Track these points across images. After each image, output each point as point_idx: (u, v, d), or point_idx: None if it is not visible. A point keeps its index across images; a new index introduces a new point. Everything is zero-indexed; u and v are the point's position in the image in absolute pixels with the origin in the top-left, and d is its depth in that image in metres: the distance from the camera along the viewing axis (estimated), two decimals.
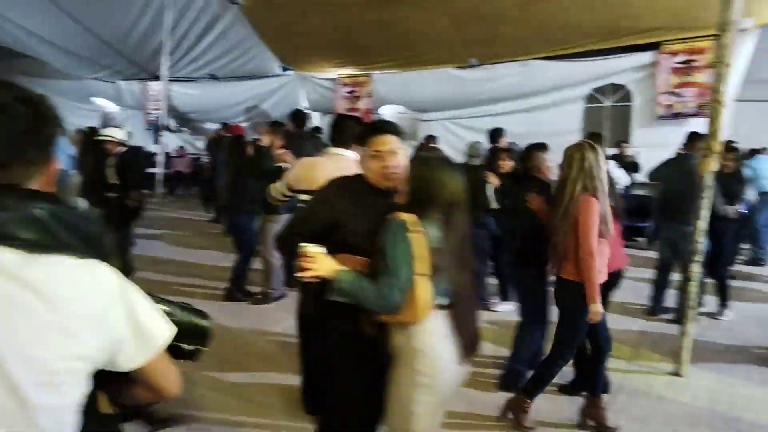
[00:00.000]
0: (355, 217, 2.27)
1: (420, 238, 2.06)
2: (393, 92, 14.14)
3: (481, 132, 9.34)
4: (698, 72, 11.16)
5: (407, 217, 2.08)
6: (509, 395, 3.65)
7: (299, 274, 2.13)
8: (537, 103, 12.65)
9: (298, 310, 3.27)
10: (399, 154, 2.32)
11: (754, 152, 10.35)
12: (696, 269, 4.29)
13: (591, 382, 3.62)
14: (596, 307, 3.16)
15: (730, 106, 11.24)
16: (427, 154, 2.05)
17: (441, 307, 2.15)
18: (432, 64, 13.30)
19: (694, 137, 6.14)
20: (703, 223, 4.22)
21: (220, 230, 8.94)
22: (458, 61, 13.04)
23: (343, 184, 2.42)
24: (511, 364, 4.07)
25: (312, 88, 15.26)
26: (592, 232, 3.18)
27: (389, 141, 2.33)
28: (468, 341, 2.19)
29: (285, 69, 15.38)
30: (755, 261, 8.73)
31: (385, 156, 2.30)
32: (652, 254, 6.68)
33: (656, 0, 10.40)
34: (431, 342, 2.12)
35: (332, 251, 2.17)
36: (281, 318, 5.21)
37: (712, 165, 4.12)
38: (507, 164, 5.63)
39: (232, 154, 6.48)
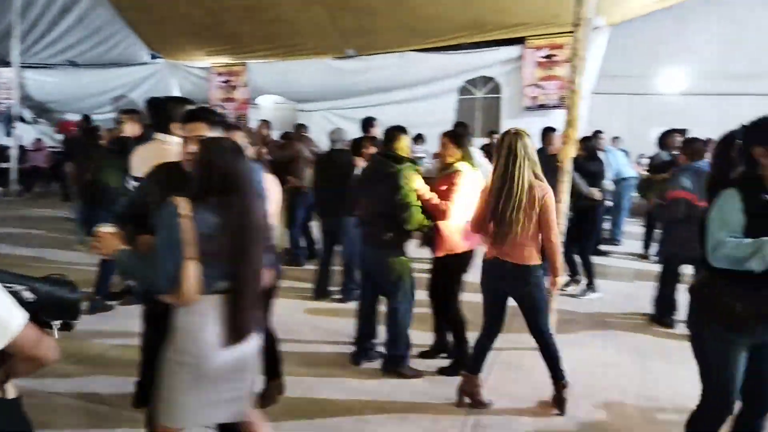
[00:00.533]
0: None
1: (188, 223, 2.05)
2: (270, 82, 13.91)
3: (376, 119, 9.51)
4: (559, 66, 11.97)
5: (179, 202, 2.07)
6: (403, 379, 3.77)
7: (92, 252, 2.29)
8: (413, 95, 12.96)
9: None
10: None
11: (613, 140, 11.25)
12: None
13: (461, 360, 3.81)
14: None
15: (587, 98, 12.23)
16: (214, 139, 2.04)
17: (216, 291, 2.15)
18: (309, 54, 13.22)
19: (547, 131, 6.70)
20: (564, 206, 4.52)
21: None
22: (336, 51, 13.06)
23: (158, 171, 2.54)
24: (391, 351, 4.15)
25: (184, 77, 14.66)
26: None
27: (197, 128, 2.41)
28: (239, 327, 2.19)
29: (154, 56, 14.64)
30: (612, 240, 9.52)
31: (191, 142, 2.35)
32: None
33: None
34: (197, 323, 2.13)
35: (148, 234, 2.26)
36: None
37: (571, 152, 4.42)
38: (371, 150, 5.78)
39: (87, 147, 6.12)
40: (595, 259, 6.79)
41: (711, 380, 2.53)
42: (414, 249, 4.34)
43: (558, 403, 3.63)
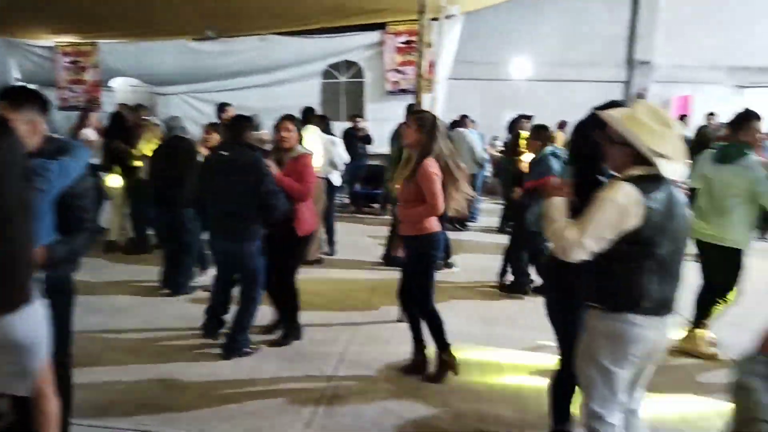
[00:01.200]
0: None
1: None
2: (124, 63, 13.11)
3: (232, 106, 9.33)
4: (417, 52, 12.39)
5: None
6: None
7: None
8: (276, 78, 12.81)
9: None
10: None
11: (455, 124, 11.83)
12: None
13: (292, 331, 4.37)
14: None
15: (444, 83, 12.80)
16: None
17: None
18: (167, 35, 12.61)
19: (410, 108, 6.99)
20: None
21: None
22: (194, 32, 12.56)
23: None
24: (239, 336, 4.21)
25: (24, 57, 13.40)
26: None
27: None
28: None
29: None
30: (469, 217, 10.12)
31: None
32: (387, 217, 7.34)
33: None
34: None
35: None
36: None
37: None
38: (213, 137, 5.85)
39: None
40: (452, 235, 7.22)
41: (566, 345, 2.75)
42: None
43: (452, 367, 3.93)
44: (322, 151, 6.31)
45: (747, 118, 4.19)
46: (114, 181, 7.12)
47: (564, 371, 2.79)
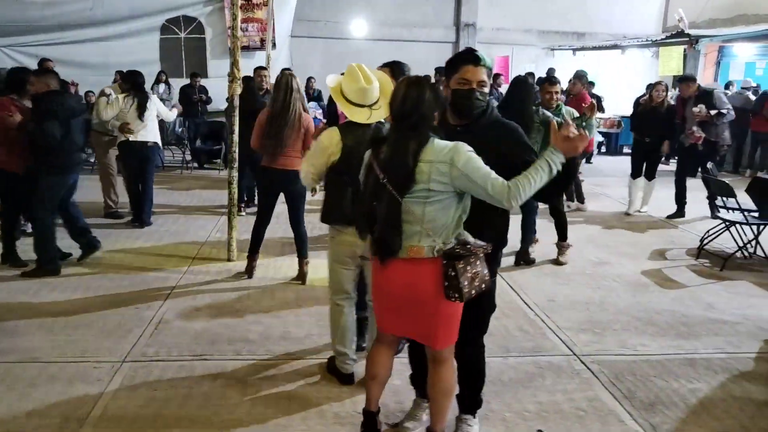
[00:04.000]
0: None
1: None
2: None
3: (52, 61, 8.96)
4: (258, 9, 12.58)
5: None
6: None
7: None
8: (110, 33, 12.34)
9: None
10: None
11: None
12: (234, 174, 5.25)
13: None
14: None
15: (285, 40, 13.12)
16: None
17: None
18: None
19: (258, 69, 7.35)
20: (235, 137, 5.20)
21: None
22: None
23: None
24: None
25: None
26: None
27: None
28: None
29: None
30: None
31: None
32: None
33: None
34: None
35: None
36: None
37: (238, 89, 5.12)
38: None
39: None
40: None
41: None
42: None
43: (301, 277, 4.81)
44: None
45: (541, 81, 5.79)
46: None
47: None
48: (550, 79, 5.71)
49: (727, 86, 11.64)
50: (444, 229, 2.25)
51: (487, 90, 2.37)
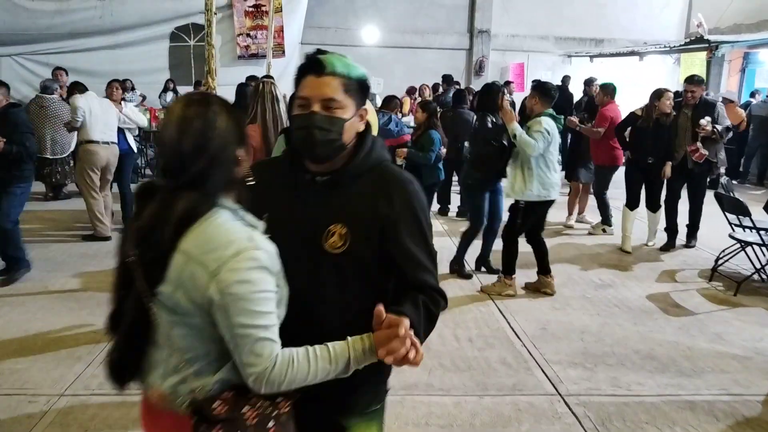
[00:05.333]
0: None
1: None
2: None
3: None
4: (267, 17, 12.40)
5: None
6: None
7: None
8: (120, 41, 12.29)
9: None
10: None
11: None
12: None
13: None
14: None
15: (295, 48, 12.94)
16: None
17: None
18: None
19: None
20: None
21: None
22: None
23: None
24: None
25: None
26: None
27: None
28: None
29: None
30: None
31: None
32: None
33: None
34: None
35: None
36: None
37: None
38: None
39: None
40: None
41: None
42: None
43: None
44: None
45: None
46: None
47: None
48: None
49: (752, 95, 11.11)
50: (200, 361, 1.29)
51: (347, 114, 1.43)
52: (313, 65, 1.42)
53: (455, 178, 7.19)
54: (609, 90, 6.81)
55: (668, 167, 5.95)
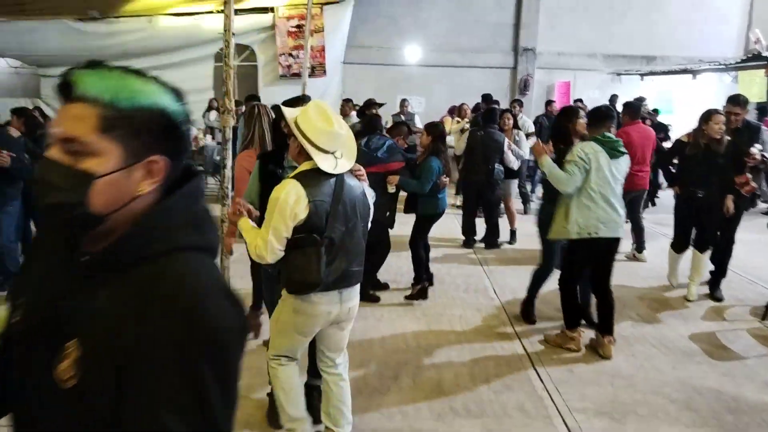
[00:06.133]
0: None
1: None
2: (5, 43, 12.52)
3: None
4: (310, 36, 12.44)
5: None
6: None
7: None
8: (166, 61, 12.56)
9: None
10: None
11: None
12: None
13: None
14: None
15: (337, 67, 12.94)
16: None
17: None
18: (48, 14, 12.13)
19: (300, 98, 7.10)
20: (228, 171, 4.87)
21: None
22: (77, 12, 12.15)
23: None
24: None
25: None
26: None
27: None
28: None
29: None
30: None
31: None
32: None
33: None
34: None
35: None
36: None
37: (230, 120, 4.77)
38: None
39: None
40: None
41: None
42: None
43: None
44: None
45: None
46: None
47: None
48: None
49: None
50: None
51: (102, 165, 0.93)
52: (61, 87, 0.94)
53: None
54: (630, 109, 6.24)
55: (729, 201, 5.02)
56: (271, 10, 12.51)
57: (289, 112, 2.54)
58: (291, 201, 2.38)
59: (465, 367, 3.83)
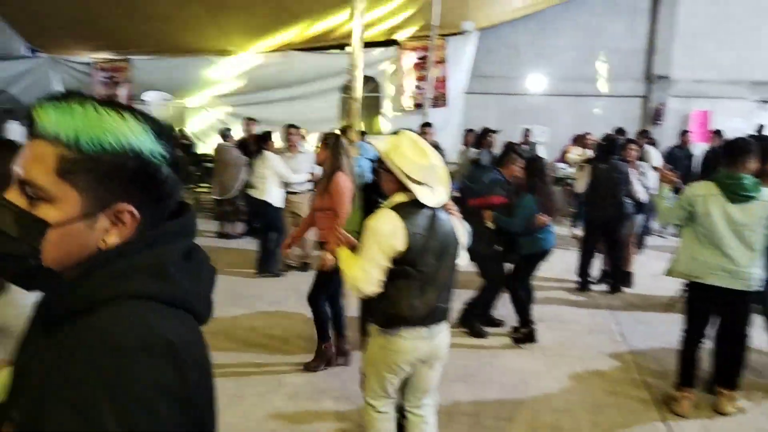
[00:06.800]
0: None
1: None
2: (156, 78, 13.84)
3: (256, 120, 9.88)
4: (433, 67, 12.64)
5: None
6: None
7: None
8: (296, 93, 13.27)
9: None
10: None
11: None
12: None
13: None
14: None
15: (460, 97, 12.99)
16: None
17: None
18: (192, 52, 13.29)
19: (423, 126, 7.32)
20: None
21: None
22: (216, 49, 13.20)
23: None
24: None
25: (66, 73, 14.30)
26: None
27: None
28: None
29: (34, 51, 14.22)
30: None
31: None
32: None
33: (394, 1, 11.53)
34: None
35: None
36: None
37: (354, 152, 4.91)
38: None
39: None
40: None
41: None
42: None
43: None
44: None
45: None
46: None
47: None
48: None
49: None
50: None
51: (59, 213, 0.84)
52: (27, 121, 0.85)
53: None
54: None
55: None
56: (395, 42, 12.86)
57: (380, 145, 2.55)
58: (388, 232, 2.37)
59: (586, 414, 3.62)
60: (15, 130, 11.67)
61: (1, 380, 1.02)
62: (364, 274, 2.38)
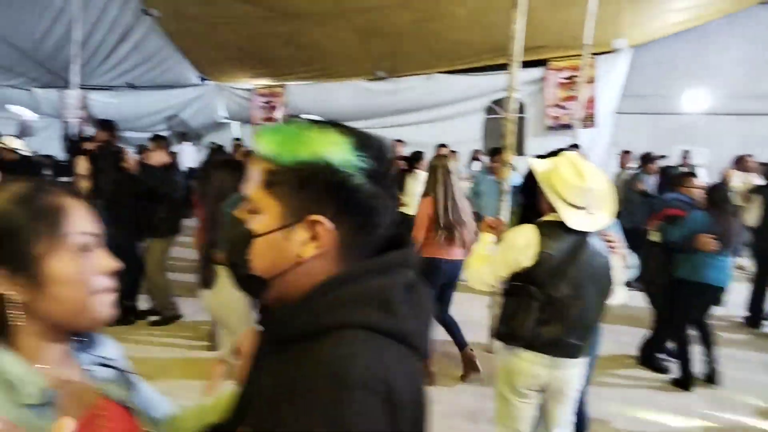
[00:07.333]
0: None
1: None
2: (308, 102, 14.71)
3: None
4: (582, 87, 12.24)
5: None
6: None
7: None
8: (441, 114, 13.48)
9: None
10: None
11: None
12: None
13: None
14: None
15: (610, 117, 12.47)
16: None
17: None
18: (343, 77, 13.99)
19: (572, 148, 7.09)
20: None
21: None
22: (367, 73, 13.76)
23: None
24: None
25: (230, 98, 15.66)
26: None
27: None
28: None
29: (203, 79, 15.72)
30: None
31: None
32: None
33: (540, 21, 11.35)
34: None
35: None
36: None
37: (507, 173, 4.84)
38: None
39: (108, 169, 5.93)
40: None
41: None
42: None
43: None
44: None
45: None
46: None
47: None
48: None
49: None
50: None
51: (262, 224, 0.92)
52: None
53: None
54: None
55: None
56: (542, 62, 12.63)
57: (538, 165, 2.52)
58: (520, 245, 2.37)
59: None
60: (188, 152, 12.98)
61: (222, 399, 1.13)
62: (478, 271, 2.50)
